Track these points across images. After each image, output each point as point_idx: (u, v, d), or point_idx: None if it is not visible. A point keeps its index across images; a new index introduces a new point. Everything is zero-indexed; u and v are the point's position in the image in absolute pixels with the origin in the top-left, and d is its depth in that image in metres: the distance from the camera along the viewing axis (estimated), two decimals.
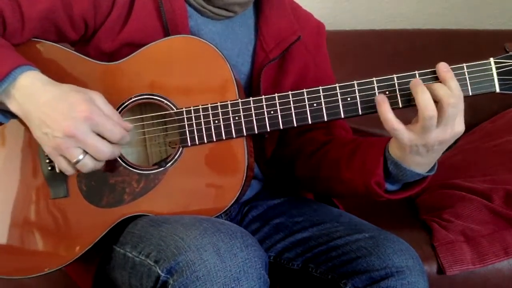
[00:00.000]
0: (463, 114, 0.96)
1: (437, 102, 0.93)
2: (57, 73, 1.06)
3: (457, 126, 0.96)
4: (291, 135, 1.25)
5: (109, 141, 0.97)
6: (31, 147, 1.07)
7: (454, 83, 0.95)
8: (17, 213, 1.08)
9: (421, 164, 1.01)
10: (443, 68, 0.96)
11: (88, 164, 0.97)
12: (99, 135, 0.96)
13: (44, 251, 1.08)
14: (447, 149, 1.01)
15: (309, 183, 1.26)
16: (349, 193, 1.15)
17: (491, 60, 0.98)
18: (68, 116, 0.93)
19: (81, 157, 0.95)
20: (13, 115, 1.00)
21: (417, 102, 0.94)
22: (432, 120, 0.93)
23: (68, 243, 1.08)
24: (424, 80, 0.97)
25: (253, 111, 1.03)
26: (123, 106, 1.07)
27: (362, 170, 1.06)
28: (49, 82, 0.97)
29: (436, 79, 0.97)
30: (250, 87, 1.20)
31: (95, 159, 0.97)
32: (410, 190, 1.07)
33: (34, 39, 1.08)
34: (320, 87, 1.01)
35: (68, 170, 0.98)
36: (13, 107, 0.97)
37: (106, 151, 0.96)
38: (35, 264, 1.08)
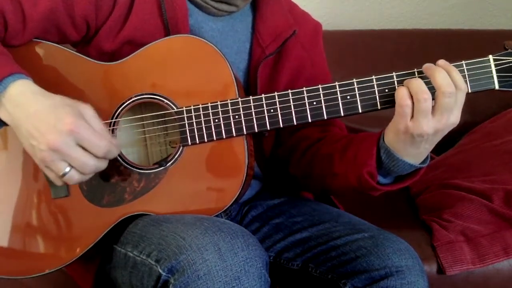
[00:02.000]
0: (461, 108, 0.97)
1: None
2: (57, 74, 1.06)
3: (453, 117, 0.96)
4: (286, 132, 1.25)
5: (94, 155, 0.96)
6: None
7: (457, 75, 0.95)
8: (19, 213, 1.08)
9: (414, 155, 1.01)
10: (443, 62, 0.97)
11: (74, 177, 0.95)
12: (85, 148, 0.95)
13: (45, 251, 1.09)
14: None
15: (303, 181, 1.25)
16: (343, 188, 1.14)
17: (490, 57, 0.98)
18: (54, 129, 0.92)
19: (67, 169, 0.94)
20: (5, 123, 0.99)
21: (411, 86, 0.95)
22: (427, 102, 0.94)
23: (69, 242, 1.08)
24: (424, 78, 0.97)
25: (253, 110, 1.03)
26: (123, 106, 1.07)
27: (355, 162, 1.06)
28: (40, 92, 0.96)
29: None
30: (247, 84, 1.20)
31: (80, 172, 0.96)
32: (403, 182, 1.07)
33: (35, 39, 1.08)
34: (320, 86, 1.01)
35: (57, 181, 0.98)
36: (3, 115, 0.97)
37: (90, 164, 0.95)
38: (36, 264, 1.08)
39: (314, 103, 1.02)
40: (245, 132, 1.04)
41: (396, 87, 0.98)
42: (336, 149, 1.13)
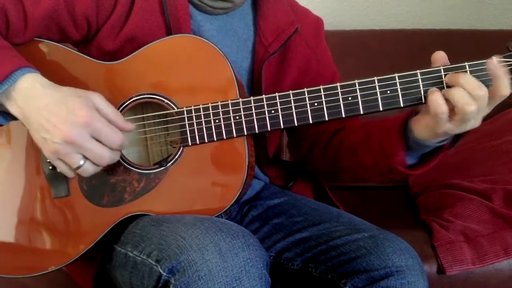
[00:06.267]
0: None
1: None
2: (58, 73, 1.06)
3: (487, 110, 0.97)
4: (301, 131, 1.26)
5: (108, 147, 0.97)
6: (34, 146, 1.06)
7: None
8: (20, 213, 1.09)
9: (442, 140, 1.02)
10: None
11: (88, 169, 0.97)
12: (98, 140, 0.96)
13: (45, 251, 1.08)
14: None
15: (331, 175, 1.27)
16: (373, 176, 1.16)
17: (494, 58, 0.97)
18: (67, 122, 0.93)
19: (81, 162, 0.96)
20: (13, 117, 1.00)
21: (453, 99, 0.93)
22: (473, 113, 0.94)
23: (69, 242, 1.08)
24: (426, 79, 0.97)
25: (253, 111, 1.03)
26: (124, 106, 1.07)
27: (382, 153, 1.07)
28: (49, 85, 0.97)
29: (439, 78, 0.97)
30: (251, 83, 1.20)
31: (95, 164, 0.97)
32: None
33: (36, 39, 1.08)
34: (321, 87, 1.01)
35: (69, 173, 0.99)
36: (12, 109, 0.97)
37: (106, 156, 0.96)
38: (36, 263, 1.08)
39: (315, 104, 1.02)
40: (245, 133, 1.04)
41: (399, 89, 0.98)
42: (358, 141, 1.14)
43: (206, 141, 1.05)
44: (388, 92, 0.99)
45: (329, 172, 1.25)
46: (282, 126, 1.03)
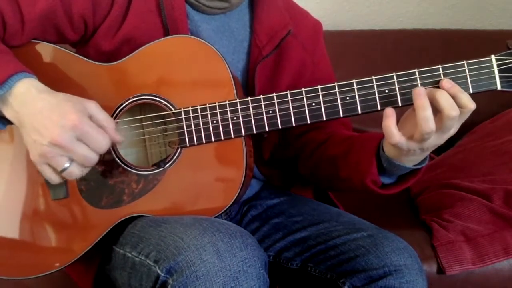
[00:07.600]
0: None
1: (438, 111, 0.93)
2: (55, 75, 1.06)
3: (453, 130, 0.97)
4: (293, 135, 1.26)
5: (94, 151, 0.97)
6: None
7: (464, 97, 0.94)
8: (19, 214, 1.08)
9: (414, 161, 1.02)
10: (447, 85, 0.94)
11: (74, 172, 0.97)
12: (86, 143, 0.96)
13: (44, 252, 1.08)
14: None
15: (311, 180, 1.29)
16: (348, 189, 1.18)
17: (492, 57, 0.96)
18: (57, 125, 0.93)
19: (67, 165, 0.95)
20: (10, 122, 1.00)
21: (417, 117, 0.93)
22: (431, 134, 0.94)
23: (68, 244, 1.08)
24: (424, 78, 0.97)
25: (251, 111, 1.03)
26: (122, 107, 1.07)
27: (357, 169, 1.07)
28: (45, 90, 0.97)
29: (437, 77, 0.96)
30: (246, 85, 1.20)
31: (81, 166, 0.97)
32: (406, 182, 1.08)
33: (34, 40, 1.08)
34: (319, 86, 1.01)
35: (53, 178, 0.98)
36: (8, 114, 0.98)
37: (92, 157, 0.96)
38: (36, 265, 1.08)
39: (313, 104, 1.01)
40: (243, 134, 1.04)
41: (397, 89, 0.98)
42: (339, 153, 1.14)
43: (204, 142, 1.04)
44: (386, 91, 0.98)
45: (309, 177, 1.27)
46: (280, 127, 1.03)
